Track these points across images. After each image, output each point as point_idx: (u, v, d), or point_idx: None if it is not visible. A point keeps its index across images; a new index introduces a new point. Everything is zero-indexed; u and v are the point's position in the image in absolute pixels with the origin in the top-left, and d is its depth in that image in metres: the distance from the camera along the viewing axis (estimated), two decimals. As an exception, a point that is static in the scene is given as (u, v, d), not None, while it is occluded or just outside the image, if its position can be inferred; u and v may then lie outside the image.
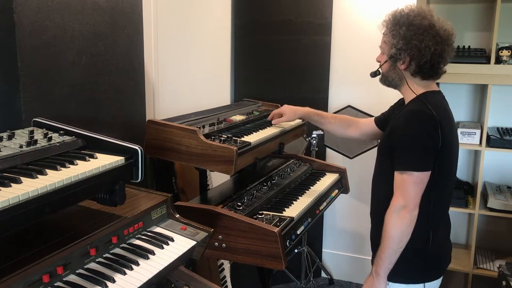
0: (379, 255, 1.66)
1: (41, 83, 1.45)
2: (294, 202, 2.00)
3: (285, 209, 1.90)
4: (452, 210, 1.79)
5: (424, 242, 1.66)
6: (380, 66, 1.77)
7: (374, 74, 1.81)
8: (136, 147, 1.23)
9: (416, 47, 1.62)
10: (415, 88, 1.70)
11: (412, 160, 1.58)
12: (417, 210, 1.58)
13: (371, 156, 1.79)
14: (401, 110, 1.77)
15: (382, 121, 2.02)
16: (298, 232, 1.80)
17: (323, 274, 3.49)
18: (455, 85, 3.08)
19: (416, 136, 1.59)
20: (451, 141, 1.65)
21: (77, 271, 1.10)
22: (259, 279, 2.46)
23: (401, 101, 1.85)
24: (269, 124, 2.21)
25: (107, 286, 1.06)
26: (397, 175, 1.61)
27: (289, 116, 2.17)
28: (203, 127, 1.95)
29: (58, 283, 1.04)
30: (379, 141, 1.91)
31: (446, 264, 1.79)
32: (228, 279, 2.54)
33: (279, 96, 2.87)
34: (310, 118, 2.19)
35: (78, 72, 1.60)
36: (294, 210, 1.89)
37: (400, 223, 1.59)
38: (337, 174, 2.44)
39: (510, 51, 2.73)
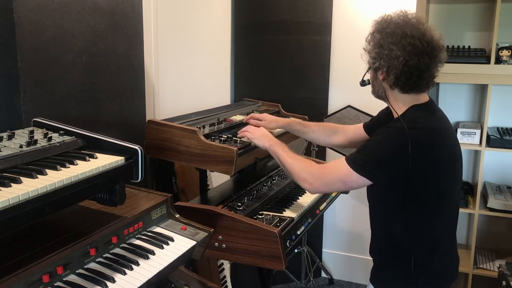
0: (284, 155, 1.72)
1: (41, 83, 1.45)
2: (294, 202, 2.00)
3: (285, 209, 1.90)
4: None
5: (419, 267, 1.57)
6: (364, 74, 1.66)
7: (362, 83, 1.71)
8: (136, 147, 1.23)
9: (386, 57, 1.50)
10: (399, 102, 1.57)
11: (360, 161, 1.49)
12: (316, 194, 1.55)
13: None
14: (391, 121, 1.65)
15: (371, 127, 1.91)
16: (298, 233, 1.80)
17: (323, 274, 3.49)
18: (455, 85, 3.08)
19: (380, 147, 1.50)
20: (442, 161, 1.51)
21: (77, 271, 1.10)
22: (259, 279, 2.46)
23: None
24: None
25: (107, 286, 1.06)
26: (341, 160, 1.54)
27: (268, 122, 2.06)
28: (203, 127, 1.95)
29: (58, 283, 1.05)
30: None
31: (449, 281, 1.67)
32: (228, 279, 2.54)
33: (279, 96, 2.87)
34: (292, 128, 2.10)
35: (78, 72, 1.60)
36: (294, 210, 1.89)
37: (299, 178, 1.63)
38: (337, 174, 2.43)
39: (510, 51, 2.72)
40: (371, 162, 1.50)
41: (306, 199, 2.04)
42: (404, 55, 1.47)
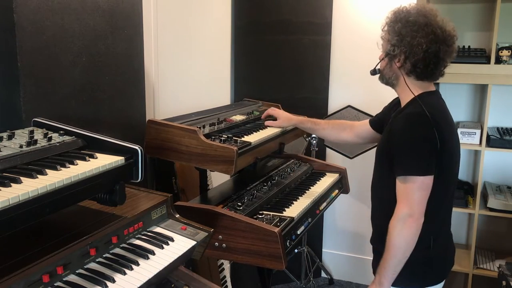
0: (383, 265, 1.60)
1: (41, 83, 1.45)
2: (294, 202, 1.99)
3: (285, 209, 1.90)
4: (452, 210, 1.77)
5: (425, 249, 1.62)
6: (378, 63, 1.73)
7: (373, 72, 1.77)
8: (136, 147, 1.23)
9: (408, 44, 1.57)
10: (411, 88, 1.64)
11: (414, 165, 1.53)
12: (423, 218, 1.52)
13: (371, 156, 1.78)
14: (396, 111, 1.73)
15: (377, 122, 1.97)
16: (298, 232, 1.80)
17: (323, 274, 3.49)
18: (455, 85, 3.08)
19: (415, 140, 1.54)
20: (450, 143, 1.60)
21: (77, 271, 1.10)
22: (259, 279, 2.45)
23: (396, 101, 1.81)
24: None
25: (107, 286, 1.06)
26: (399, 183, 1.55)
27: (283, 121, 2.16)
28: (203, 127, 1.95)
29: (58, 283, 1.04)
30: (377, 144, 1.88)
31: (448, 268, 1.75)
32: (228, 279, 2.54)
33: (279, 96, 2.87)
34: (304, 126, 2.18)
35: (78, 72, 1.60)
36: (294, 210, 1.89)
37: (406, 233, 1.53)
38: (337, 174, 2.44)
39: (510, 51, 2.72)
40: (418, 157, 1.54)
41: (306, 199, 2.04)
42: (426, 42, 1.56)
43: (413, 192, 1.53)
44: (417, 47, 1.56)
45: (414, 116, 1.56)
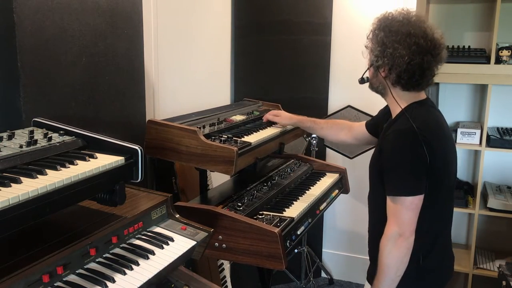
0: (376, 284, 1.57)
1: (41, 83, 1.45)
2: (294, 202, 1.99)
3: (285, 209, 1.90)
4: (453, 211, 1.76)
5: (416, 263, 1.58)
6: (365, 72, 1.69)
7: (361, 81, 1.73)
8: (136, 147, 1.23)
9: (390, 55, 1.52)
10: (399, 99, 1.60)
11: (403, 185, 1.50)
12: (413, 236, 1.50)
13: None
14: (388, 122, 1.69)
15: (372, 126, 1.95)
16: (298, 233, 1.80)
17: (323, 274, 3.49)
18: (455, 85, 3.08)
19: (404, 160, 1.51)
20: (444, 155, 1.56)
21: (77, 271, 1.10)
22: (259, 279, 2.45)
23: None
24: (269, 124, 2.21)
25: (107, 286, 1.06)
26: (389, 201, 1.53)
27: (284, 118, 2.18)
28: (203, 127, 1.95)
29: (58, 283, 1.05)
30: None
31: (445, 278, 1.71)
32: (228, 279, 2.54)
33: (279, 96, 2.87)
34: (304, 125, 2.19)
35: (78, 72, 1.60)
36: (294, 210, 1.89)
37: (397, 253, 1.51)
38: (337, 174, 2.44)
39: (510, 51, 2.73)
40: (408, 177, 1.50)
41: (306, 199, 2.04)
42: (408, 54, 1.50)
43: (403, 212, 1.50)
44: (400, 59, 1.50)
45: (402, 134, 1.52)
